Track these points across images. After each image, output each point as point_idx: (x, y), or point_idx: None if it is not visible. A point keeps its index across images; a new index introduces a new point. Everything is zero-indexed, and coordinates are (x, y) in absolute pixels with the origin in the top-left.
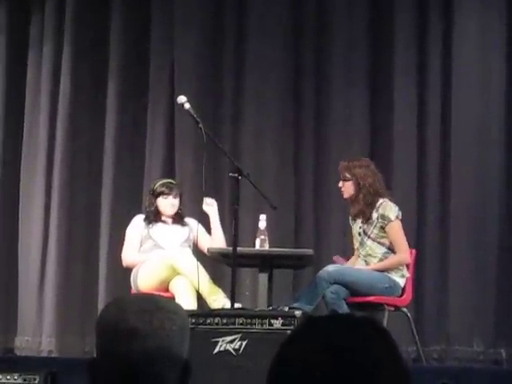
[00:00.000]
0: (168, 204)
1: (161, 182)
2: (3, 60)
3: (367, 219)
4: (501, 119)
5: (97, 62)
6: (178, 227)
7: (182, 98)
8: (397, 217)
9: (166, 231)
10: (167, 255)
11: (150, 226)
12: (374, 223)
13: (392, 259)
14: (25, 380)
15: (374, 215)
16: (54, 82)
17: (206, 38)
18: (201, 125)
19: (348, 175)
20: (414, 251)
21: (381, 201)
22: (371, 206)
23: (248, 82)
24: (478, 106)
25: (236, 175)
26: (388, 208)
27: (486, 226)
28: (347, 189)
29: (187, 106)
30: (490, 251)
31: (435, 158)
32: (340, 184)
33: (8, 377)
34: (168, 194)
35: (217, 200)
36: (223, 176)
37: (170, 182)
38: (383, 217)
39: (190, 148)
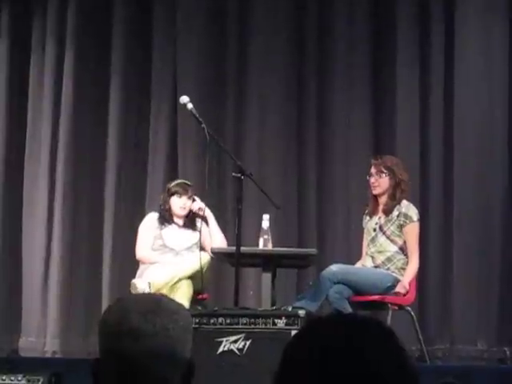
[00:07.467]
0: (180, 204)
1: (177, 182)
2: (6, 63)
3: (387, 215)
4: (504, 117)
5: (99, 65)
6: (188, 231)
7: (184, 98)
8: (418, 219)
9: (176, 234)
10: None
11: (163, 226)
12: (393, 220)
13: (413, 267)
14: (29, 381)
15: (395, 213)
16: (56, 85)
17: (208, 41)
18: (203, 125)
19: (385, 170)
20: None
21: (404, 200)
22: (398, 202)
23: (251, 83)
24: (480, 110)
25: (239, 175)
26: (411, 208)
27: (490, 225)
28: (382, 184)
29: (190, 106)
30: (494, 249)
31: (438, 159)
32: (372, 179)
33: (12, 378)
34: (182, 194)
35: (220, 200)
36: (226, 176)
37: (186, 183)
38: (406, 216)
39: (192, 148)
